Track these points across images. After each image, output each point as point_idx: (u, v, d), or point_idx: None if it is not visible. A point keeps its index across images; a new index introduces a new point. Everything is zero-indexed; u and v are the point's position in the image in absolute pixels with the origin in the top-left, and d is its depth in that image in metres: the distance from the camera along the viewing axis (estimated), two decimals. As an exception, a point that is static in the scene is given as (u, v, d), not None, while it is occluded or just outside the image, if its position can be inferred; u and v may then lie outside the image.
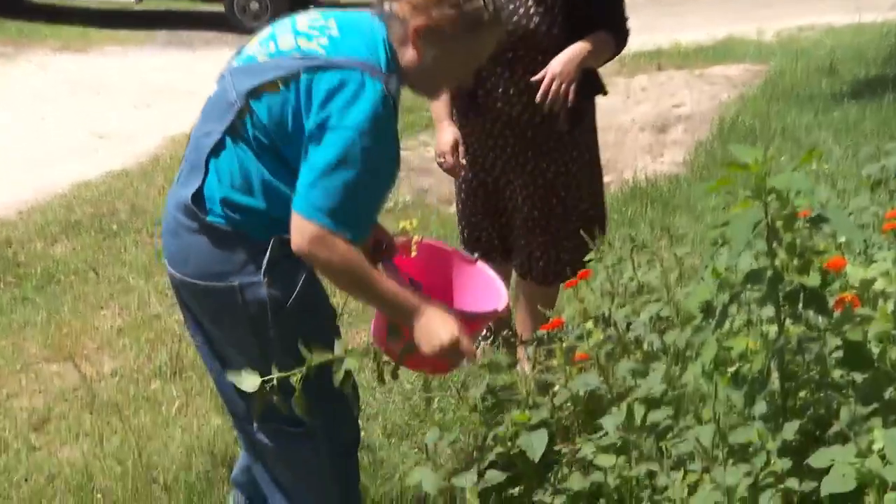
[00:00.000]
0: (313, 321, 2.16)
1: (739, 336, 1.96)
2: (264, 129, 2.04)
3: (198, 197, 2.09)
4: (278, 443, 2.24)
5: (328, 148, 1.97)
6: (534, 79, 2.94)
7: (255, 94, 2.04)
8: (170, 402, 3.52)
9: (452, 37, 2.07)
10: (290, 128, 2.02)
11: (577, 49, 2.94)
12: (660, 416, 2.05)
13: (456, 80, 2.30)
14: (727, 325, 1.99)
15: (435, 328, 2.06)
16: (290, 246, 2.02)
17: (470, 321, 2.17)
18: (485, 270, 2.47)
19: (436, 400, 3.34)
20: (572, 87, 2.93)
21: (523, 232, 3.20)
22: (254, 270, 2.07)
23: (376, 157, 2.00)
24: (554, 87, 2.92)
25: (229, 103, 2.07)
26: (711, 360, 1.93)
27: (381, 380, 2.20)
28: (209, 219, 2.08)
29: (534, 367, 2.39)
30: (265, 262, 2.06)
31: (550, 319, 2.49)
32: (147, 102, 8.37)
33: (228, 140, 2.07)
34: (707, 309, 2.04)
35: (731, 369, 1.91)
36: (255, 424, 2.21)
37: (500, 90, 3.03)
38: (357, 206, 2.00)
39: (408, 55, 2.09)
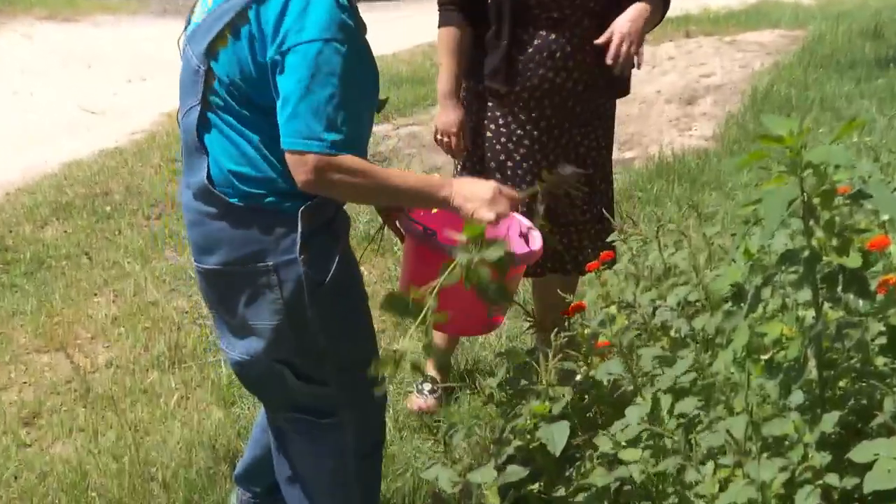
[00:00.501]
0: (348, 302, 2.19)
1: (774, 321, 1.94)
2: (235, 87, 2.03)
3: (210, 180, 2.09)
4: (306, 435, 2.27)
5: (294, 70, 1.96)
6: (598, 41, 2.88)
7: (211, 53, 2.04)
8: (168, 395, 3.54)
9: None
10: (255, 74, 2.01)
11: (640, 9, 2.90)
12: (688, 406, 2.05)
13: None
14: (760, 309, 1.98)
15: (470, 188, 2.12)
16: (320, 216, 2.06)
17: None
18: (516, 217, 2.46)
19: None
20: (641, 50, 2.89)
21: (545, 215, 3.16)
22: (287, 248, 2.08)
23: (347, 61, 1.98)
24: (625, 48, 2.86)
25: (194, 71, 2.08)
26: (744, 346, 1.92)
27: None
28: (230, 200, 2.09)
29: (554, 355, 2.38)
30: (298, 237, 2.07)
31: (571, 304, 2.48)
32: (142, 75, 8.39)
33: (209, 114, 2.08)
34: (738, 292, 2.03)
35: (765, 357, 1.90)
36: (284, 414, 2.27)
37: (545, 54, 2.94)
38: (343, 119, 1.98)
39: None
